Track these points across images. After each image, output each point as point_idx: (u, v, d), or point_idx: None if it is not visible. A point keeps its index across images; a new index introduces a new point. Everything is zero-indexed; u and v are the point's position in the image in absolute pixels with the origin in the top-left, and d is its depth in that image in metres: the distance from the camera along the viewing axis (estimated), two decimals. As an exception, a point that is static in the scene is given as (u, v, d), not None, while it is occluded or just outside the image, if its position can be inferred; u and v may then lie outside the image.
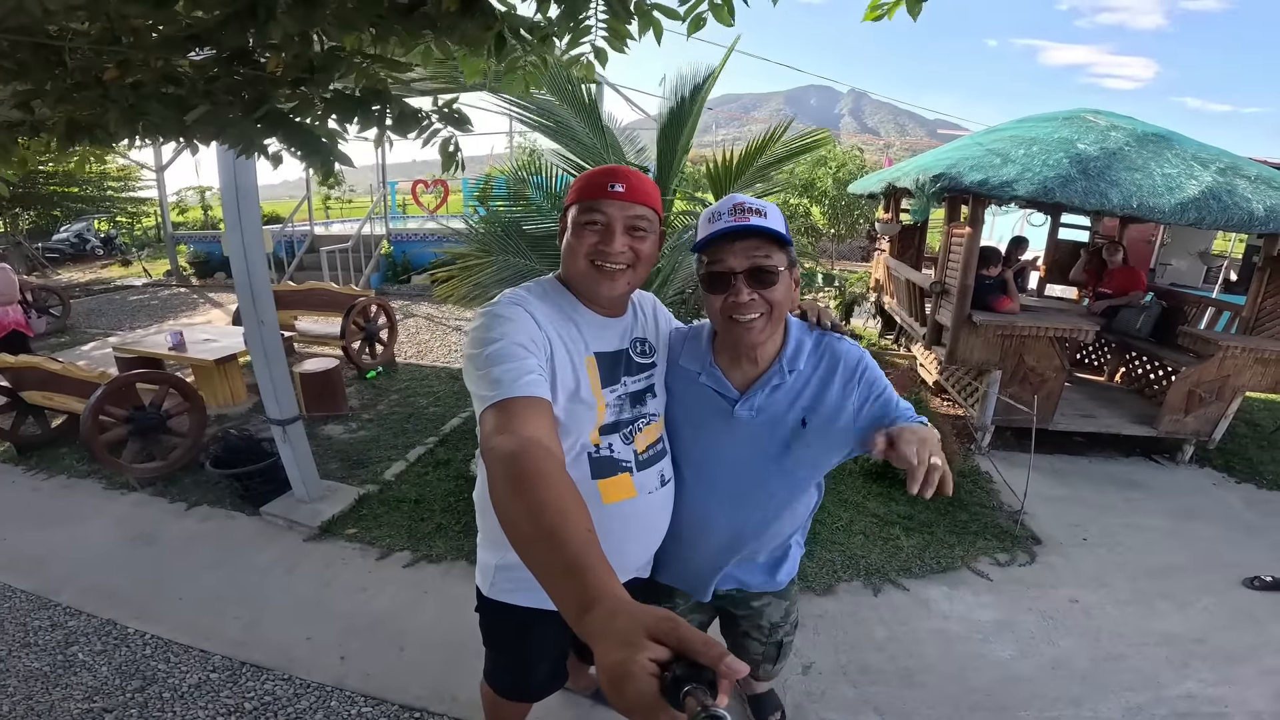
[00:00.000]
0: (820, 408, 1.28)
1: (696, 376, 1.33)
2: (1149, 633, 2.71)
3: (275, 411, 3.29)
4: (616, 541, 1.25)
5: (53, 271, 13.14)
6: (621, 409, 1.26)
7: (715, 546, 1.42)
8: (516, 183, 3.75)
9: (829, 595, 2.86)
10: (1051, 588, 2.99)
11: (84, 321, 8.49)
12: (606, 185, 1.17)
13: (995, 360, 4.25)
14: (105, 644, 2.52)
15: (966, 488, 3.85)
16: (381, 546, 3.18)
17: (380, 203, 11.69)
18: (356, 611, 2.70)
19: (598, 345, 1.24)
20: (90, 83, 1.45)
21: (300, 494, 3.52)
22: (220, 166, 2.98)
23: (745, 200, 1.18)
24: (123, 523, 3.45)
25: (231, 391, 5.15)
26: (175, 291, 10.79)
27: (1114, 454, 4.55)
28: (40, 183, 14.24)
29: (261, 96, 1.52)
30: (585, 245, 1.18)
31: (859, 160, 12.53)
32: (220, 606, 2.73)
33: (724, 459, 1.33)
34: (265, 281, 3.18)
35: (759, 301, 1.18)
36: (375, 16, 1.29)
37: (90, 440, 3.60)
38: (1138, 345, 5.08)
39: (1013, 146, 4.03)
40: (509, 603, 1.34)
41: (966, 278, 4.14)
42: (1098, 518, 3.67)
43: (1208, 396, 4.16)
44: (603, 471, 1.23)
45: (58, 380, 4.08)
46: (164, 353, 4.89)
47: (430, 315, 8.53)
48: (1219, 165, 3.84)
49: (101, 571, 3.00)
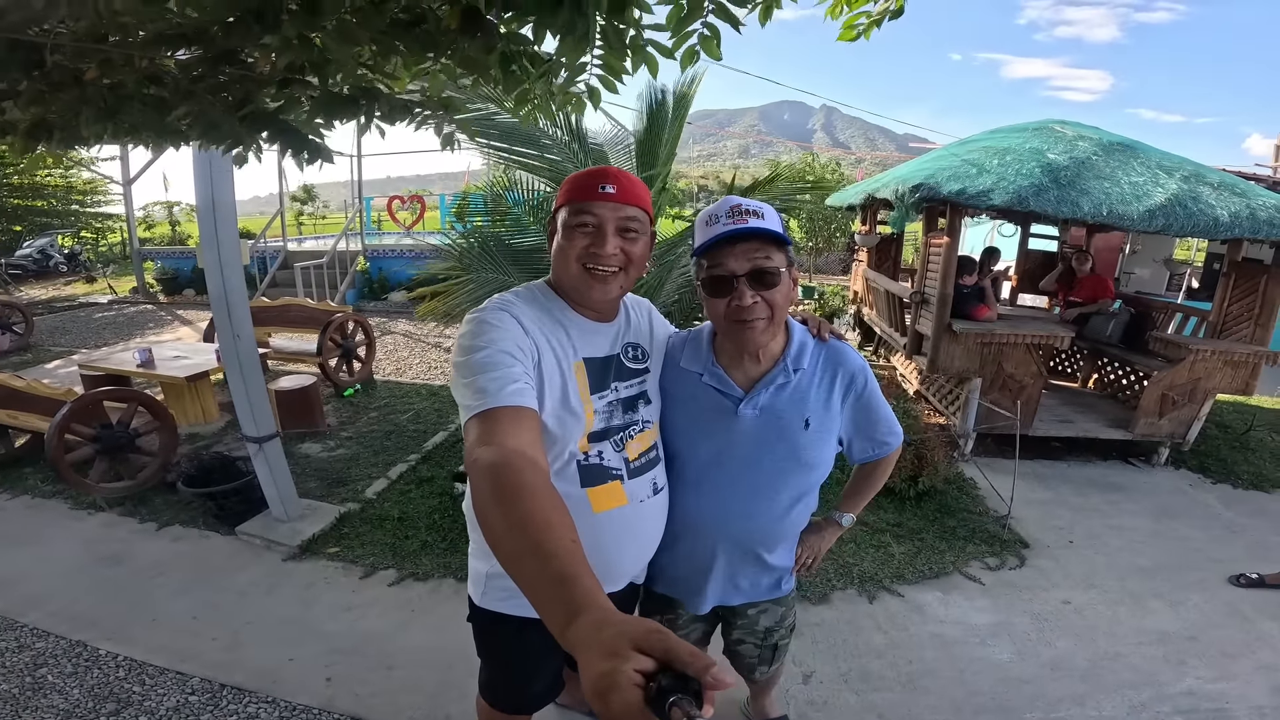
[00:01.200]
0: (820, 410, 1.29)
1: (699, 377, 1.32)
2: (1143, 631, 2.75)
3: (252, 429, 3.19)
4: (608, 551, 1.23)
5: (15, 288, 12.66)
6: (612, 415, 1.24)
7: (718, 551, 1.39)
8: (494, 199, 3.72)
9: (825, 604, 2.85)
10: (1043, 590, 3.03)
11: (48, 339, 8.19)
12: (597, 186, 1.15)
13: (975, 368, 4.32)
14: (76, 666, 2.41)
15: (953, 494, 3.89)
16: (365, 565, 3.08)
17: (355, 218, 11.55)
18: (341, 631, 2.60)
19: (587, 351, 1.22)
20: (68, 83, 1.40)
21: (278, 513, 3.41)
22: (197, 181, 2.91)
23: (742, 202, 1.18)
24: (91, 543, 3.31)
25: (203, 409, 4.99)
26: (142, 309, 10.47)
27: (1092, 457, 4.65)
28: (3, 195, 13.74)
29: (246, 96, 1.48)
30: (577, 248, 1.16)
31: (837, 174, 12.78)
32: (196, 627, 2.62)
33: (728, 460, 1.31)
34: (242, 295, 3.10)
35: (762, 304, 1.17)
36: (377, 32, 1.26)
37: (56, 459, 3.46)
38: (1109, 351, 5.22)
39: (987, 157, 4.15)
40: (502, 612, 1.30)
41: (946, 286, 4.23)
42: (1082, 520, 3.74)
43: (1180, 399, 4.28)
44: (592, 479, 1.21)
45: (22, 398, 3.92)
46: (132, 370, 4.71)
47: (409, 332, 8.40)
48: (1183, 173, 3.99)
49: (69, 592, 2.88)
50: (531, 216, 3.55)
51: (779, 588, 1.51)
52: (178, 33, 1.31)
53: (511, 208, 3.63)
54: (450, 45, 1.29)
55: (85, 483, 3.59)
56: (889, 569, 3.13)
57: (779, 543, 1.44)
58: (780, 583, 1.51)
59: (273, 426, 3.26)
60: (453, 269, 3.31)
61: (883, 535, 3.43)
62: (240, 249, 3.09)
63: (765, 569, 1.46)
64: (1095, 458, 4.64)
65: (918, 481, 3.75)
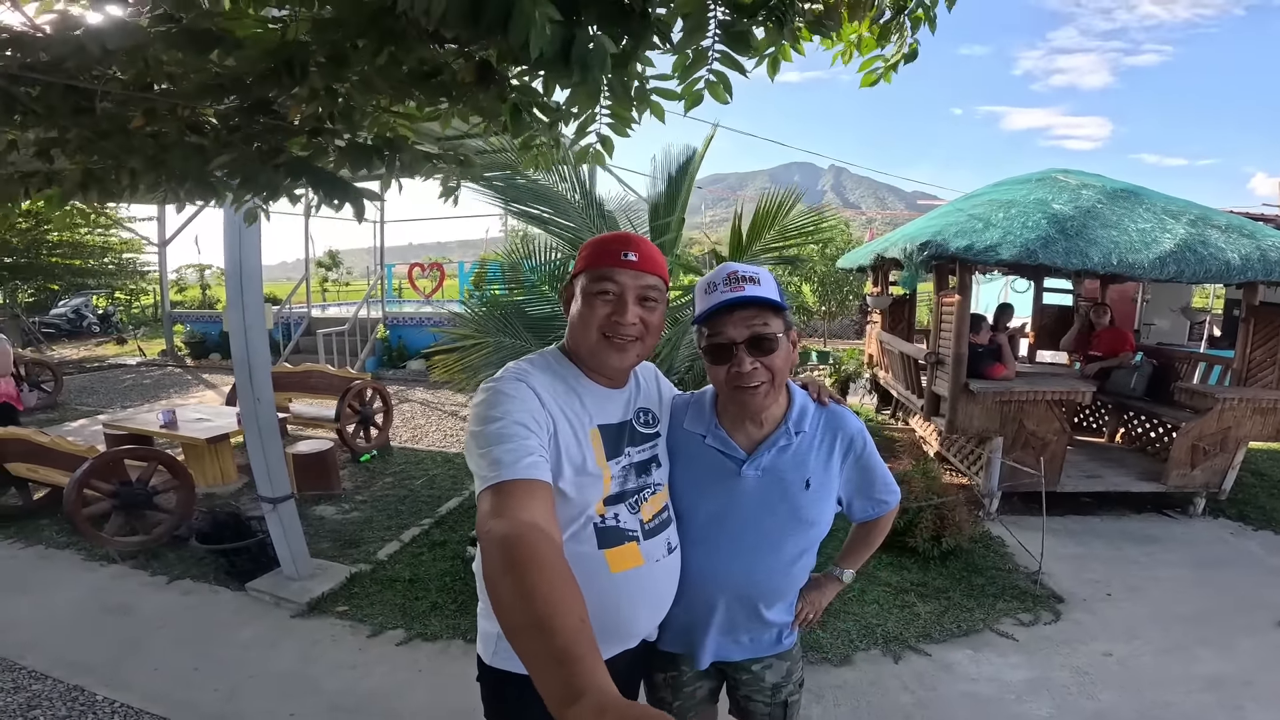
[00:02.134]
0: (821, 472, 1.32)
1: (702, 439, 1.34)
2: (1193, 678, 2.64)
3: (267, 489, 3.23)
4: (625, 610, 1.22)
5: (47, 347, 13.07)
6: (626, 479, 1.24)
7: (716, 606, 1.38)
8: (510, 268, 3.83)
9: (846, 665, 2.72)
10: (1082, 643, 2.91)
11: (75, 398, 8.43)
12: (620, 253, 1.16)
13: (996, 427, 4.24)
14: (71, 709, 2.41)
15: (979, 553, 3.77)
16: (373, 624, 3.03)
17: (377, 286, 11.92)
18: (345, 689, 2.53)
19: (602, 418, 1.23)
20: (115, 130, 1.50)
21: (289, 571, 3.40)
22: (226, 244, 3.06)
23: (739, 268, 1.21)
24: (99, 592, 3.33)
25: (222, 471, 5.05)
26: (169, 371, 10.77)
27: (1125, 511, 4.49)
28: (43, 253, 14.27)
29: (279, 146, 1.58)
30: (598, 316, 1.16)
31: (845, 235, 12.93)
32: (196, 679, 2.59)
33: (730, 519, 1.32)
34: (264, 359, 3.20)
35: (761, 370, 1.20)
36: (396, 81, 1.36)
37: (72, 511, 3.51)
38: (1134, 405, 5.11)
39: (992, 211, 4.21)
40: (512, 671, 1.26)
41: (960, 346, 4.19)
42: (1118, 573, 3.60)
43: (1211, 449, 4.15)
44: (609, 541, 1.20)
45: (45, 453, 4.02)
46: (155, 430, 4.84)
47: (426, 400, 8.48)
48: (1189, 217, 4.01)
49: (71, 638, 2.88)
50: (547, 284, 3.64)
51: (780, 643, 1.48)
52: (217, 83, 1.42)
53: (528, 274, 3.74)
54: (465, 95, 1.38)
55: (100, 536, 3.63)
56: (914, 628, 3.00)
57: (779, 599, 1.43)
58: (781, 637, 1.48)
59: (288, 488, 3.30)
60: (469, 336, 3.39)
61: (906, 595, 3.30)
62: (265, 313, 3.21)
63: (764, 624, 1.43)
64: (1129, 511, 4.49)
65: (941, 541, 3.63)
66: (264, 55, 1.26)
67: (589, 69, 1.04)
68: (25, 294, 15.43)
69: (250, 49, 1.26)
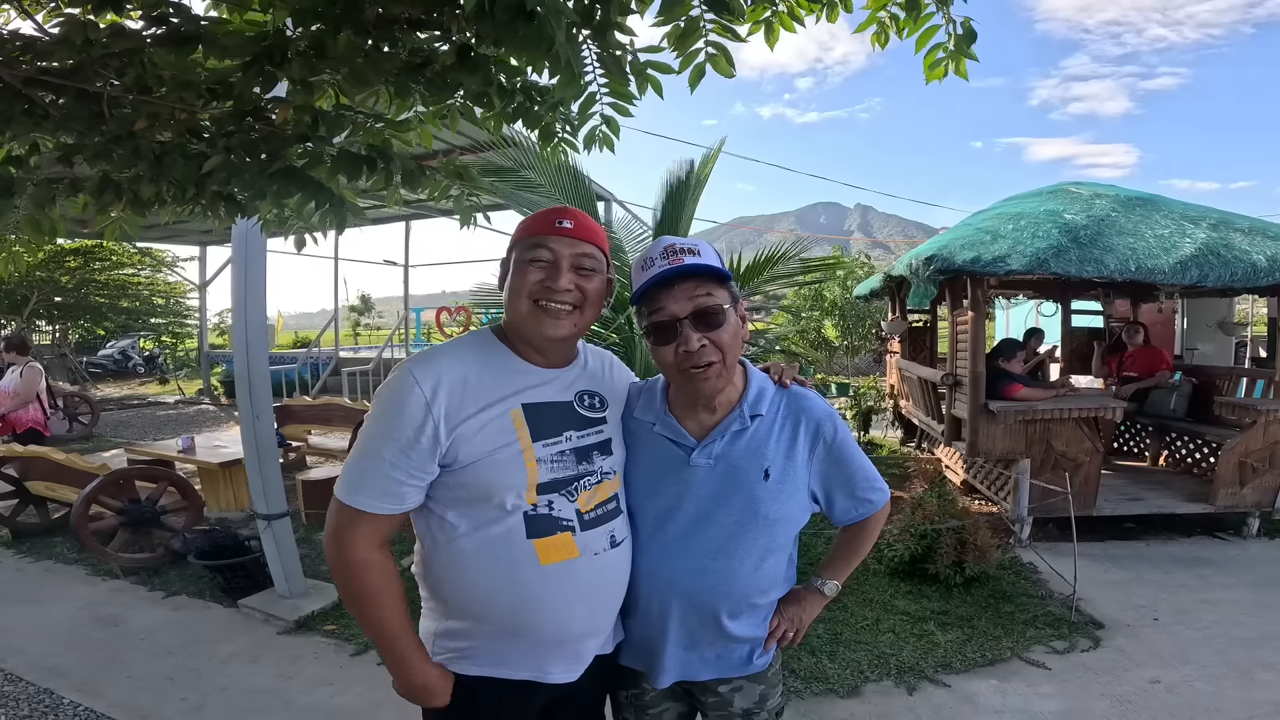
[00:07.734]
0: (782, 460, 1.20)
1: (651, 427, 1.25)
2: (1255, 704, 2.42)
3: (262, 506, 3.24)
4: (558, 606, 1.14)
5: (92, 385, 13.51)
6: (562, 465, 1.16)
7: (670, 613, 1.24)
8: None
9: (854, 697, 2.52)
10: (1124, 670, 2.67)
11: (111, 431, 8.78)
12: (554, 221, 1.13)
13: (1020, 448, 4.01)
14: (33, 710, 2.44)
15: (1008, 580, 3.53)
16: (359, 643, 2.95)
17: (402, 326, 12.20)
18: (317, 705, 2.46)
19: (530, 397, 1.16)
20: (125, 136, 1.55)
21: (282, 589, 3.37)
22: (234, 254, 3.16)
23: (676, 241, 1.15)
24: (94, 605, 3.38)
25: (235, 496, 5.11)
26: (203, 408, 11.14)
27: (1173, 535, 4.20)
28: (91, 293, 15.03)
29: (274, 152, 1.61)
30: (529, 283, 1.12)
31: (866, 268, 12.78)
32: (168, 689, 2.57)
33: (680, 513, 1.21)
34: (265, 376, 3.24)
35: (710, 347, 1.12)
36: (391, 74, 1.36)
37: (78, 524, 3.58)
38: (1176, 426, 4.82)
39: (1001, 223, 4.11)
40: (454, 672, 1.18)
41: (976, 365, 4.02)
42: (1167, 597, 3.34)
43: (1260, 465, 3.85)
44: (539, 531, 1.13)
45: (62, 471, 4.14)
46: (173, 455, 4.98)
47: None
48: (1210, 221, 3.84)
49: (54, 646, 2.93)
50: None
51: (750, 662, 1.30)
52: (204, 81, 1.47)
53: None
54: (456, 84, 1.37)
55: (104, 550, 3.69)
56: (933, 658, 2.77)
57: (743, 608, 1.27)
58: (752, 656, 1.30)
59: (284, 505, 3.30)
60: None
61: (925, 624, 3.06)
62: (267, 330, 3.27)
63: (729, 639, 1.27)
64: (1177, 535, 4.19)
65: (964, 567, 3.39)
66: (244, 45, 1.28)
67: (544, 26, 0.99)
68: (74, 334, 16.14)
69: (230, 40, 1.28)
